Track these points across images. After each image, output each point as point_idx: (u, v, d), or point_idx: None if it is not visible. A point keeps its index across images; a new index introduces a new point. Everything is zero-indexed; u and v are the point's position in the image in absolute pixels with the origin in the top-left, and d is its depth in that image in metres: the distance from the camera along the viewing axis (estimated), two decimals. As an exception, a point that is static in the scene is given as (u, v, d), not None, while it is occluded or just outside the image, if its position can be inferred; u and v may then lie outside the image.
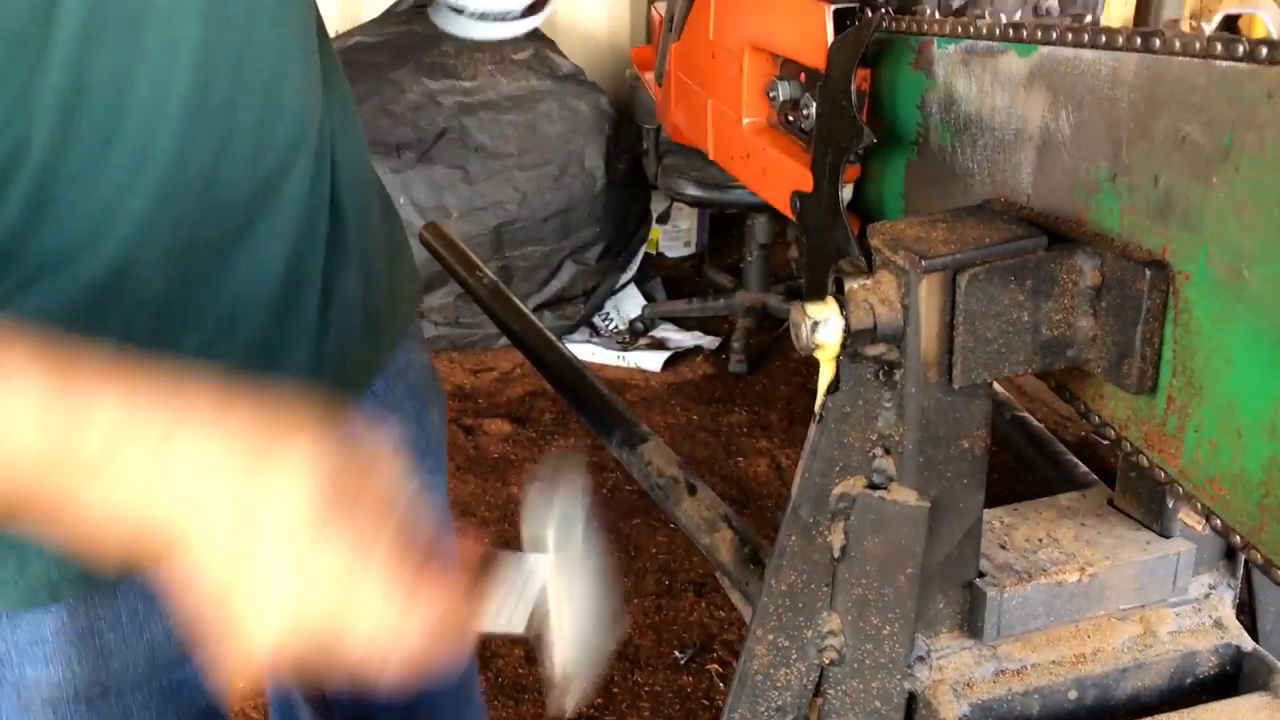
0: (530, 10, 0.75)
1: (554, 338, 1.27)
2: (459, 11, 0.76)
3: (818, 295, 0.75)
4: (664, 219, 3.71)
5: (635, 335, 3.37)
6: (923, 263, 0.68)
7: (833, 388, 0.74)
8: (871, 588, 0.75)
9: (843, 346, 0.71)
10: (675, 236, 3.78)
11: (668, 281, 3.62)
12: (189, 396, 0.62)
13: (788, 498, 0.77)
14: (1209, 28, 0.64)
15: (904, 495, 0.74)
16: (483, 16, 0.71)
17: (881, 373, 0.73)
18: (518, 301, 1.32)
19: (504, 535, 2.55)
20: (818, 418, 0.75)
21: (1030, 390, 2.59)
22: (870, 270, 0.73)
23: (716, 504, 0.97)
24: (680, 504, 0.99)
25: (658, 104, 1.47)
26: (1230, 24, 0.67)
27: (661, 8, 1.37)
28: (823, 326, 0.70)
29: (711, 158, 1.26)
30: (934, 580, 0.77)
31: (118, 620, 0.82)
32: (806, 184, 0.98)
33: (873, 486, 0.74)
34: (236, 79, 0.75)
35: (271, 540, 0.61)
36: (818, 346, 0.71)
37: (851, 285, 0.71)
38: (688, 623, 2.31)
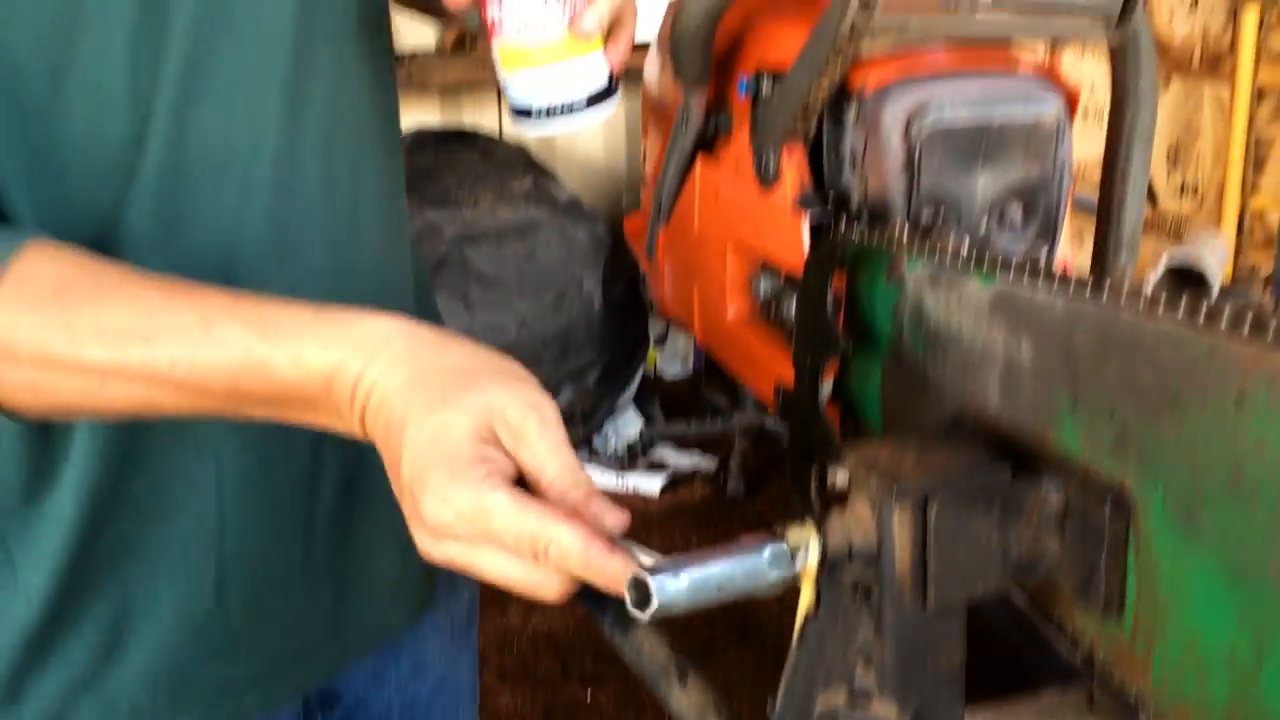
0: (595, 100, 0.78)
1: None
2: (527, 114, 0.81)
3: (800, 487, 0.79)
4: (661, 341, 3.76)
5: (634, 457, 3.40)
6: (895, 490, 0.72)
7: (813, 608, 0.76)
8: (857, 800, 0.77)
9: (820, 570, 0.74)
10: (673, 357, 3.83)
11: (666, 402, 3.66)
12: None
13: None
14: (1154, 278, 0.69)
15: (884, 710, 0.76)
16: (549, 113, 0.75)
17: (860, 593, 0.75)
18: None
19: (503, 667, 2.54)
20: (798, 636, 0.77)
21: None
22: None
23: (703, 692, 0.99)
24: (671, 691, 1.00)
25: (647, 277, 1.52)
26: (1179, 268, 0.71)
27: (650, 189, 1.43)
28: (801, 552, 0.73)
29: (699, 341, 1.31)
30: (918, 791, 0.78)
31: None
32: (787, 375, 1.02)
33: (854, 702, 0.77)
34: (310, 222, 0.81)
35: None
36: (797, 571, 0.73)
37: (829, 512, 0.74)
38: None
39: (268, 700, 0.88)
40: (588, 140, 3.88)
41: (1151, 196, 2.96)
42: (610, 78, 0.87)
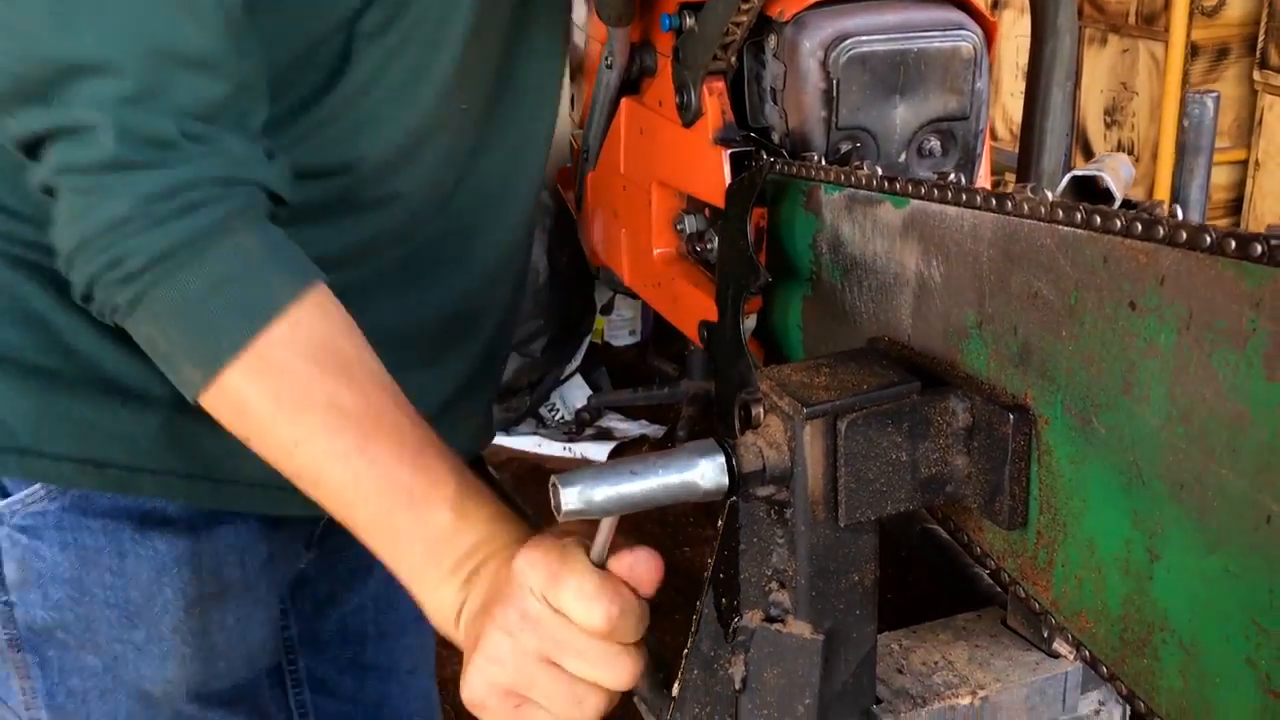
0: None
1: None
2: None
3: (726, 422, 0.79)
4: (608, 309, 3.75)
5: (582, 425, 3.40)
6: (805, 409, 0.72)
7: (729, 525, 0.77)
8: (773, 718, 0.78)
9: (734, 488, 0.74)
10: (620, 326, 3.83)
11: (613, 370, 3.66)
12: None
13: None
14: (1058, 190, 0.70)
15: (799, 628, 0.77)
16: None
17: (773, 511, 0.76)
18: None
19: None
20: (715, 553, 0.78)
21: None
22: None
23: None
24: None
25: (579, 226, 1.52)
26: (1084, 183, 0.72)
27: (579, 136, 1.43)
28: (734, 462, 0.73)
29: (626, 284, 1.31)
30: (833, 709, 0.79)
31: (225, 623, 0.93)
32: (713, 313, 1.02)
33: (770, 619, 0.77)
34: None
35: None
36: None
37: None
38: (637, 716, 2.30)
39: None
40: (534, 108, 3.85)
41: (1088, 155, 3.01)
42: None
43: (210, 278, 0.73)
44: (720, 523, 0.78)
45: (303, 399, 0.73)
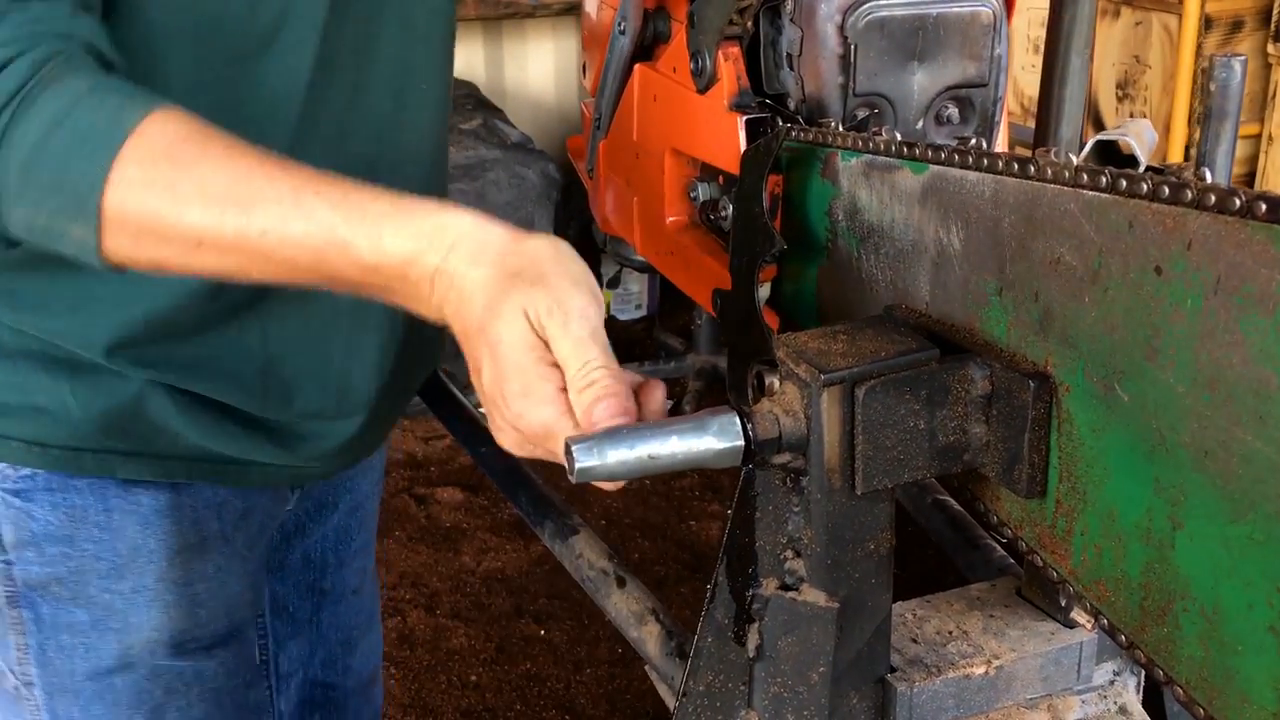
0: None
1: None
2: None
3: (738, 391, 0.79)
4: (614, 283, 3.75)
5: (588, 399, 3.39)
6: (822, 376, 0.71)
7: (744, 493, 0.77)
8: (787, 686, 0.77)
9: (750, 455, 0.74)
10: (626, 300, 3.82)
11: (619, 345, 3.63)
12: None
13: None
14: (1081, 155, 0.68)
15: (814, 596, 0.76)
16: None
17: (789, 479, 0.76)
18: (451, 385, 1.34)
19: (456, 607, 2.55)
20: (730, 521, 0.77)
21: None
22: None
23: (645, 597, 0.99)
24: (610, 597, 1.01)
25: (589, 195, 1.51)
26: (1106, 148, 0.71)
27: (590, 104, 1.42)
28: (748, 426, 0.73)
29: (639, 253, 1.30)
30: (847, 677, 0.79)
31: (205, 574, 0.97)
32: (727, 282, 1.01)
33: (785, 588, 0.77)
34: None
35: None
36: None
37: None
38: (641, 691, 2.31)
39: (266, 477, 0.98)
40: (538, 78, 3.83)
41: (1099, 128, 2.98)
42: None
43: (46, 121, 0.70)
44: (736, 492, 0.78)
45: (193, 190, 0.71)
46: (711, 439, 0.71)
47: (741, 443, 0.72)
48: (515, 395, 0.70)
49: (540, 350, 0.70)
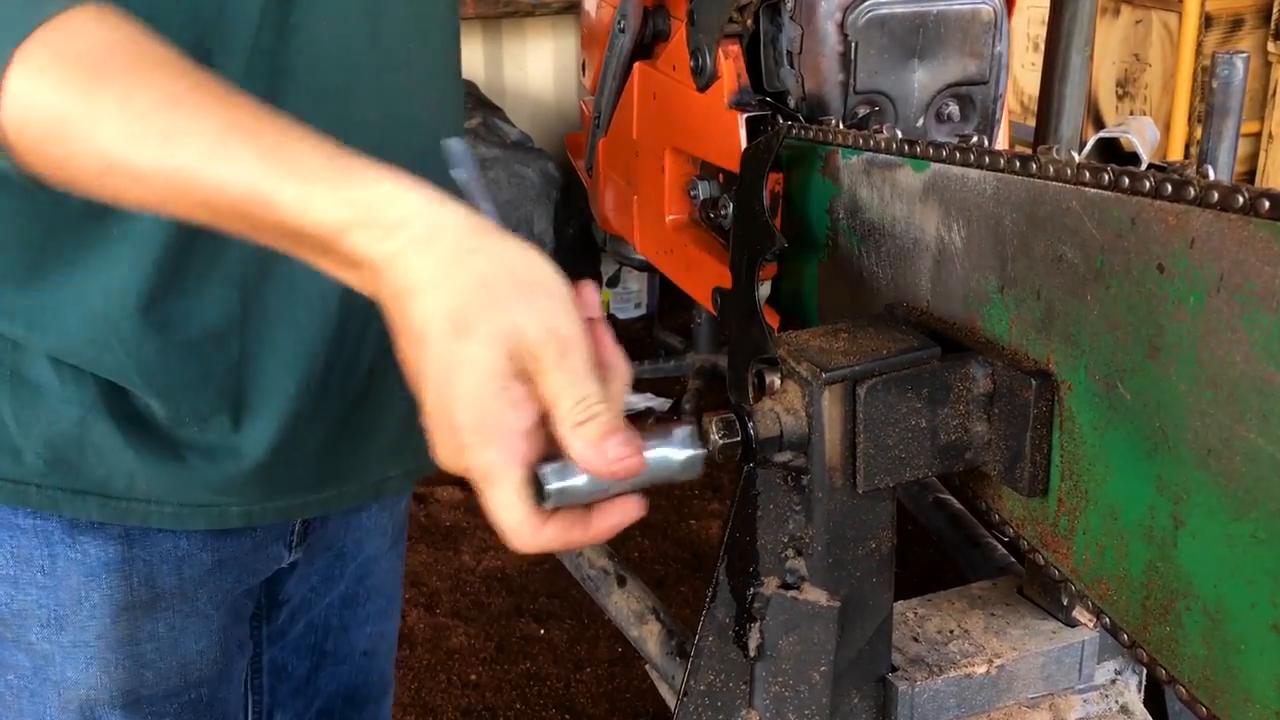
0: None
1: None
2: None
3: (738, 389, 0.78)
4: (614, 282, 3.74)
5: (587, 398, 3.38)
6: (824, 374, 0.71)
7: (745, 492, 0.76)
8: (788, 685, 0.77)
9: (751, 454, 0.73)
10: (626, 299, 3.82)
11: (619, 344, 3.65)
12: None
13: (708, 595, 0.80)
14: (1083, 152, 0.68)
15: (815, 595, 0.76)
16: None
17: (790, 478, 0.75)
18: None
19: (456, 606, 2.55)
20: (731, 520, 0.77)
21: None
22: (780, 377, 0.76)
23: (646, 596, 0.99)
24: (610, 596, 1.00)
25: (589, 193, 1.51)
26: (1108, 145, 0.71)
27: (590, 101, 1.41)
28: (713, 433, 0.72)
29: (638, 251, 1.30)
30: (848, 676, 0.79)
31: (155, 634, 0.89)
32: (727, 280, 1.01)
33: (786, 587, 0.77)
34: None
35: None
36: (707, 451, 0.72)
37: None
38: (641, 690, 2.31)
39: (250, 516, 0.89)
40: (538, 77, 3.82)
41: (1099, 127, 2.97)
42: None
43: None
44: (737, 491, 0.78)
45: (113, 104, 0.63)
46: (670, 449, 0.67)
47: (703, 450, 0.68)
48: (468, 427, 0.61)
49: (506, 383, 0.61)
